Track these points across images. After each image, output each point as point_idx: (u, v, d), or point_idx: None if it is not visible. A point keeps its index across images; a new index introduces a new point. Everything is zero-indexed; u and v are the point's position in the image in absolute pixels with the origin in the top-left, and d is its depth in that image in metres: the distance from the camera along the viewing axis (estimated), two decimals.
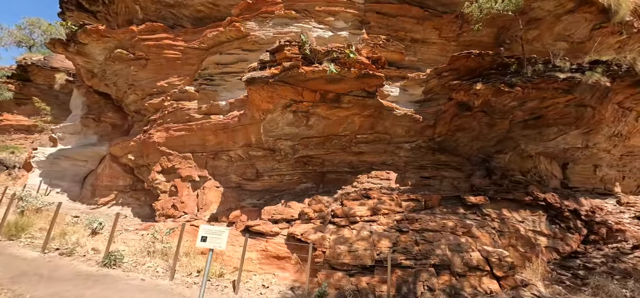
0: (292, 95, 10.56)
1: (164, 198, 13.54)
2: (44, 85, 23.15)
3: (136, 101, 16.25)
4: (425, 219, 9.45)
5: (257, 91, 10.57)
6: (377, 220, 9.18)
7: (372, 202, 9.83)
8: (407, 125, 12.37)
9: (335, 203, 10.39)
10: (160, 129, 14.27)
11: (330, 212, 9.79)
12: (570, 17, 13.52)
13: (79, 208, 15.57)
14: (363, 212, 9.44)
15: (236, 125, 12.79)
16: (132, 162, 15.73)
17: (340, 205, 10.19)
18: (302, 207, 10.39)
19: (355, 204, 9.82)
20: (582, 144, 13.10)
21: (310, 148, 12.82)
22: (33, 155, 17.00)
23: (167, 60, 15.04)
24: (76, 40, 15.85)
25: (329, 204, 10.24)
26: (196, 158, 13.67)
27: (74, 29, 15.68)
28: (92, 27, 15.25)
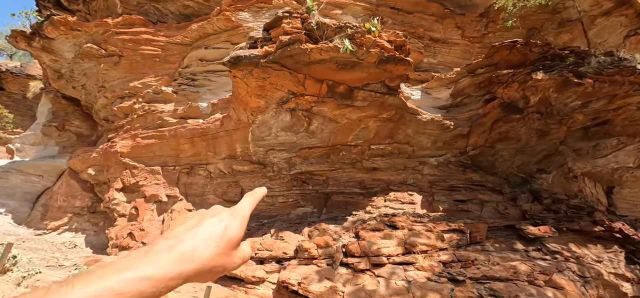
0: (290, 85, 7.38)
1: (121, 224, 9.88)
2: (18, 94, 19.77)
3: (106, 106, 12.93)
4: (482, 260, 6.00)
5: (244, 79, 7.39)
6: (415, 263, 5.69)
7: (401, 234, 6.37)
8: (434, 134, 9.19)
9: (347, 234, 6.89)
10: (126, 136, 10.87)
11: (341, 247, 6.29)
12: (605, 21, 10.95)
13: (20, 234, 11.71)
14: (391, 249, 5.96)
15: (218, 130, 9.48)
16: (92, 178, 12.14)
17: (354, 237, 6.70)
18: (299, 239, 6.86)
19: (377, 237, 6.35)
20: (634, 163, 10.06)
21: (310, 162, 9.49)
22: None
23: (144, 58, 11.94)
24: (42, 33, 12.75)
25: (338, 236, 6.73)
26: (166, 173, 10.18)
27: (40, 21, 12.67)
28: (60, 18, 12.22)
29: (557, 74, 7.17)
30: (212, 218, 0.60)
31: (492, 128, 8.78)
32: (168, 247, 0.53)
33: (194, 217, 0.62)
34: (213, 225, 0.59)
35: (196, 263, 0.52)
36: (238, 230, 0.60)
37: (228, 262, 0.58)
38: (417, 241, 6.13)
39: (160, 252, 0.52)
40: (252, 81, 7.31)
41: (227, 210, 0.64)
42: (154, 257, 0.51)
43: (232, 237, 0.58)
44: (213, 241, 0.56)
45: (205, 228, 0.57)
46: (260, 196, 0.74)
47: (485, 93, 9.09)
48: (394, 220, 6.87)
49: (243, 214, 0.64)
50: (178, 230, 0.58)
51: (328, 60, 6.82)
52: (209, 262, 0.54)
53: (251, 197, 0.72)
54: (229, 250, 0.57)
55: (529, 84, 7.47)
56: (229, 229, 0.58)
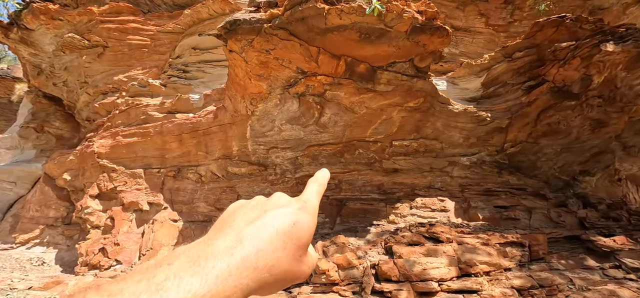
0: (300, 61, 5.69)
1: (94, 237, 7.97)
2: (4, 98, 17.97)
3: (88, 104, 11.17)
4: (562, 282, 4.21)
5: (242, 53, 5.71)
6: (480, 290, 3.90)
7: (450, 250, 4.56)
8: (467, 129, 7.50)
9: (374, 250, 5.05)
10: (105, 135, 9.08)
11: (370, 268, 4.48)
12: (637, 10, 9.56)
13: None
14: (442, 271, 4.16)
15: (211, 125, 7.73)
16: (68, 184, 10.25)
17: (384, 253, 4.88)
18: None
19: (418, 253, 4.54)
20: None
21: (320, 162, 7.73)
22: None
23: (131, 49, 10.30)
24: (20, 23, 11.10)
25: (363, 253, 4.88)
26: (149, 177, 8.34)
27: (19, 9, 11.06)
28: (40, 5, 10.60)
29: (632, 44, 5.56)
30: (278, 210, 0.45)
31: (538, 119, 7.12)
32: (226, 249, 0.39)
33: (249, 205, 0.48)
34: (280, 219, 0.43)
35: (260, 273, 0.38)
36: (310, 227, 0.45)
37: (299, 270, 0.43)
38: (475, 259, 4.33)
39: (213, 257, 0.37)
40: (253, 55, 5.63)
41: (294, 200, 0.50)
42: (205, 265, 0.36)
43: (303, 237, 0.44)
44: (281, 242, 0.41)
45: (270, 224, 0.42)
46: (326, 181, 0.59)
47: (526, 79, 7.48)
48: (434, 231, 5.07)
49: (313, 205, 0.49)
50: (237, 222, 0.44)
51: (349, 26, 5.17)
52: (276, 270, 0.39)
53: (316, 183, 0.58)
54: (300, 253, 0.43)
55: (595, 59, 5.86)
56: (299, 226, 0.44)
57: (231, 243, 0.39)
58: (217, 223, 0.47)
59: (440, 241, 4.90)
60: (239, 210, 0.48)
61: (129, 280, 0.35)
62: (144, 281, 0.34)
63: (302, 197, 0.51)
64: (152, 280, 0.34)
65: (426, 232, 5.19)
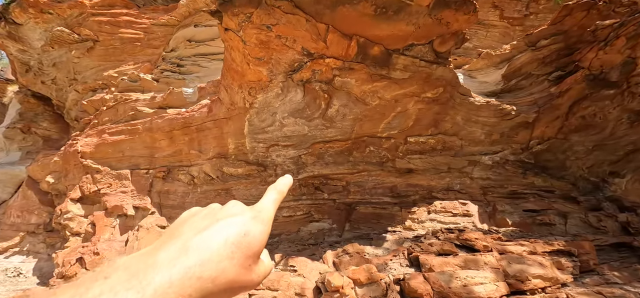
0: (306, 40, 4.85)
1: (72, 246, 6.99)
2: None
3: (77, 102, 10.31)
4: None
5: (239, 31, 4.87)
6: None
7: (492, 260, 3.63)
8: (490, 124, 6.64)
9: (396, 260, 4.11)
10: (91, 133, 8.19)
11: (394, 283, 3.53)
12: None
13: None
14: (489, 287, 3.23)
15: (205, 120, 6.84)
16: (51, 188, 9.30)
17: (410, 265, 3.94)
18: (321, 270, 4.04)
19: (453, 264, 3.61)
20: None
21: (326, 161, 6.83)
22: None
23: (123, 43, 9.50)
24: (8, 17, 10.33)
25: (383, 265, 3.93)
26: (136, 179, 7.41)
27: (7, 2, 10.31)
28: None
29: None
30: (229, 219, 0.42)
31: (571, 112, 6.27)
32: (168, 260, 0.36)
33: (201, 214, 0.45)
34: (230, 229, 0.41)
35: (204, 283, 0.36)
36: (261, 237, 0.42)
37: (247, 280, 0.40)
38: (527, 271, 3.40)
39: (153, 269, 0.35)
40: (252, 34, 4.78)
41: (247, 209, 0.45)
42: (143, 278, 0.34)
43: (253, 246, 0.41)
44: (229, 251, 0.39)
45: (219, 233, 0.40)
46: (286, 189, 0.53)
47: (553, 69, 6.65)
48: (467, 238, 4.14)
49: (267, 215, 0.45)
50: (185, 231, 0.41)
51: None
52: (221, 280, 0.37)
53: (275, 191, 0.51)
54: (249, 263, 0.40)
55: None
56: (250, 236, 0.41)
57: (175, 254, 0.37)
58: (166, 233, 0.44)
59: (475, 250, 3.97)
60: (190, 219, 0.45)
61: (61, 295, 0.33)
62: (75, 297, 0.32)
63: (257, 206, 0.46)
64: (85, 296, 0.32)
65: (456, 238, 4.26)
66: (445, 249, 3.94)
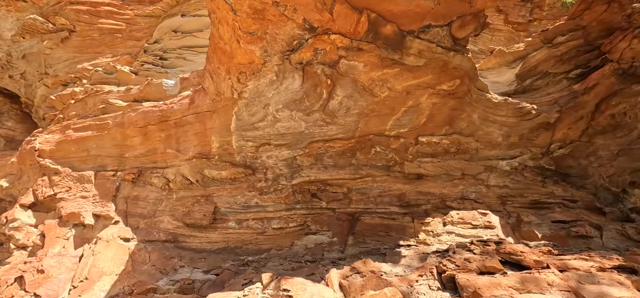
0: (309, 9, 3.90)
1: (15, 261, 5.57)
2: None
3: (45, 98, 9.02)
4: None
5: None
6: None
7: (556, 280, 2.61)
8: (508, 124, 5.78)
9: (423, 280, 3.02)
10: (54, 129, 6.92)
11: None
12: None
13: None
14: None
15: (185, 113, 5.73)
16: (4, 192, 7.82)
17: (444, 287, 2.88)
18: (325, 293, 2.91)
19: (507, 286, 2.57)
20: None
21: (325, 164, 5.77)
22: None
23: (102, 34, 8.42)
24: None
25: (409, 289, 2.86)
26: (101, 182, 6.13)
27: None
28: None
29: None
30: None
31: (598, 110, 5.49)
32: None
33: None
34: None
35: None
36: None
37: None
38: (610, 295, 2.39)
39: None
40: (244, 0, 3.82)
41: None
42: None
43: None
44: None
45: None
46: None
47: (572, 67, 5.93)
48: (511, 251, 3.12)
49: None
50: None
51: None
52: None
53: None
54: None
55: None
56: None
57: None
58: None
59: (524, 266, 2.94)
60: None
61: None
62: None
63: None
64: None
65: (495, 252, 3.23)
66: (488, 266, 2.92)
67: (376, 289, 2.72)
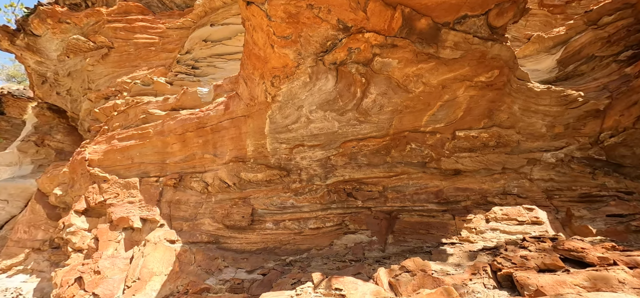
0: (343, 9, 3.94)
1: (73, 263, 6.08)
2: (17, 118, 17.04)
3: (90, 112, 9.73)
4: None
5: (265, 2, 4.05)
6: None
7: (627, 277, 2.46)
8: (552, 113, 5.49)
9: (477, 279, 2.95)
10: (100, 140, 7.46)
11: None
12: None
13: None
14: None
15: (221, 119, 5.98)
16: (59, 200, 8.54)
17: (501, 286, 2.79)
18: (375, 291, 2.93)
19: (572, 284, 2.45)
20: None
21: (359, 163, 5.78)
22: None
23: (137, 48, 8.97)
24: (27, 29, 10.07)
25: (463, 287, 2.81)
26: (145, 188, 6.53)
27: (26, 14, 10.07)
28: (47, 8, 9.57)
29: None
30: None
31: None
32: None
33: None
34: None
35: None
36: None
37: None
38: None
39: None
40: (279, 5, 3.91)
41: None
42: None
43: None
44: None
45: None
46: None
47: (622, 49, 5.54)
48: (571, 248, 2.96)
49: None
50: None
51: None
52: None
53: None
54: None
55: None
56: None
57: None
58: None
59: (587, 264, 2.79)
60: None
61: None
62: None
63: None
64: None
65: (553, 249, 3.08)
66: (547, 264, 2.79)
67: (431, 287, 2.69)
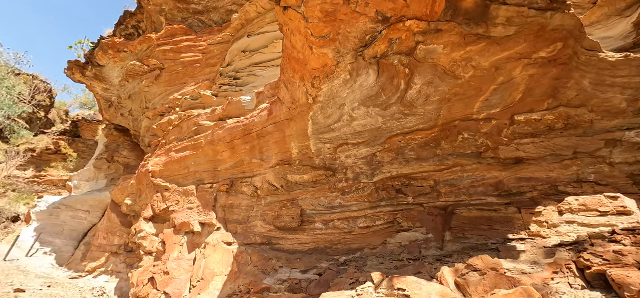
0: (381, 1, 3.85)
1: (146, 265, 6.80)
2: (91, 140, 19.68)
3: (148, 129, 10.82)
4: None
5: (302, 5, 4.11)
6: None
7: None
8: (634, 85, 4.71)
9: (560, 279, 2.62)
10: (160, 153, 8.24)
11: None
12: None
13: (54, 277, 9.36)
14: None
15: (265, 125, 6.21)
16: (129, 209, 9.64)
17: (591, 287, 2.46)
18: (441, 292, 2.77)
19: None
20: None
21: (406, 158, 5.57)
22: (35, 205, 11.95)
23: (185, 66, 9.74)
24: (93, 61, 11.57)
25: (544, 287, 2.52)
26: (202, 194, 7.06)
27: (92, 48, 11.56)
28: (108, 41, 10.89)
29: None
30: None
31: None
32: None
33: None
34: None
35: None
36: None
37: None
38: None
39: None
40: (315, 5, 3.95)
41: None
42: None
43: None
44: None
45: None
46: None
47: None
48: None
49: None
50: None
51: None
52: None
53: None
54: None
55: None
56: None
57: None
58: None
59: None
60: None
61: None
62: None
63: None
64: None
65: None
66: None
67: (507, 288, 2.47)
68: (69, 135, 19.79)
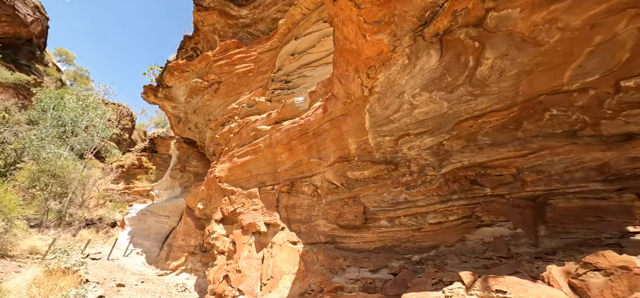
0: None
1: (220, 264, 7.38)
2: (166, 153, 22.39)
3: (212, 139, 11.82)
4: None
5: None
6: None
7: None
8: None
9: None
10: (224, 159, 8.90)
11: None
12: None
13: (145, 274, 10.83)
14: None
15: (321, 123, 6.21)
16: (201, 213, 10.64)
17: None
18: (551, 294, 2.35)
19: None
20: None
21: (479, 145, 5.01)
22: (127, 212, 14.04)
23: (239, 77, 10.38)
24: (163, 83, 13.12)
25: None
26: (264, 195, 7.39)
27: (160, 72, 13.11)
28: (172, 64, 12.22)
29: None
30: None
31: None
32: None
33: None
34: None
35: None
36: None
37: None
38: None
39: None
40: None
41: None
42: None
43: None
44: None
45: None
46: None
47: None
48: None
49: None
50: None
51: None
52: None
53: None
54: None
55: None
56: None
57: None
58: None
59: None
60: None
61: None
62: None
63: None
64: None
65: None
66: None
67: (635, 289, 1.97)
68: (148, 151, 22.81)
